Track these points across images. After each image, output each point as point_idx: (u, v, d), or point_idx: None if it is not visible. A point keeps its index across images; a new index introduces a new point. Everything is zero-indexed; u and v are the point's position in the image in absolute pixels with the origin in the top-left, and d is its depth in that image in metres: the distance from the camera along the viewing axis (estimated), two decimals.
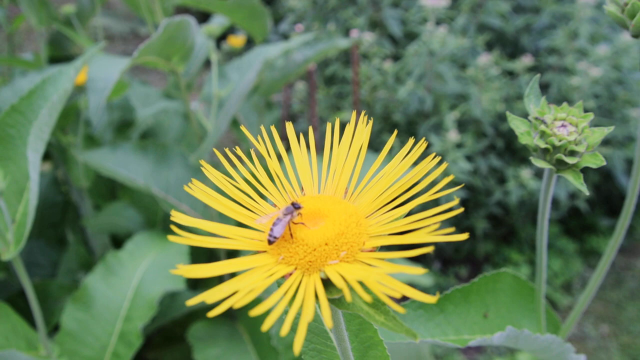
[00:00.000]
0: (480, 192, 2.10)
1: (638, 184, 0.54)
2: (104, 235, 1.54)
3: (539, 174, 2.12)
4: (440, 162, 0.39)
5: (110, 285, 0.99)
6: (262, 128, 0.44)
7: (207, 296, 0.32)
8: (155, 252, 1.05)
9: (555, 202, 2.17)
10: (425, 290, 2.11)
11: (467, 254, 2.28)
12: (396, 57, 2.31)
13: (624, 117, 2.07)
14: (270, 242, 0.39)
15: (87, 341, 0.95)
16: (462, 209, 0.35)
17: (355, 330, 0.46)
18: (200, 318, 1.26)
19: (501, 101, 2.06)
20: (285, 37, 2.57)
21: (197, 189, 0.41)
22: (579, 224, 2.36)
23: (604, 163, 0.47)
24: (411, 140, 0.42)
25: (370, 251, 0.38)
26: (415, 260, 2.07)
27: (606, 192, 2.32)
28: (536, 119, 0.48)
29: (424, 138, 0.40)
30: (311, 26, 2.44)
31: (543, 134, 0.48)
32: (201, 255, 1.23)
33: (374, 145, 2.08)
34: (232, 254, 1.21)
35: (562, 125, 0.48)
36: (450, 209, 0.34)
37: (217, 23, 1.37)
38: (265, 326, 0.30)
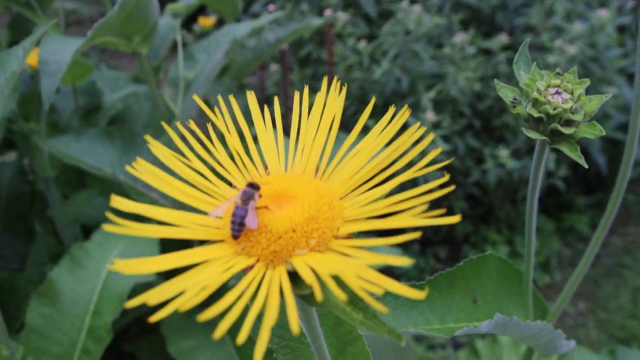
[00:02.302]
0: (458, 172, 2.09)
1: (630, 165, 0.51)
2: (75, 226, 1.49)
3: (516, 153, 2.11)
4: (422, 137, 0.35)
5: (78, 278, 0.95)
6: (220, 98, 0.39)
7: (150, 296, 0.27)
8: (124, 242, 1.00)
9: None
10: (404, 272, 2.10)
11: (446, 235, 2.27)
12: (371, 37, 2.28)
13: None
14: (235, 237, 0.33)
15: (55, 338, 0.90)
16: (453, 187, 0.30)
17: (332, 324, 0.42)
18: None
19: (478, 80, 2.04)
20: (257, 18, 2.51)
21: (143, 169, 0.35)
22: (556, 203, 2.37)
23: (603, 133, 0.44)
24: (391, 109, 0.36)
25: (346, 238, 0.33)
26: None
27: (582, 170, 2.33)
28: (527, 85, 0.44)
29: (406, 106, 0.35)
30: (284, 7, 2.39)
31: (536, 102, 0.44)
32: (174, 244, 1.18)
33: (350, 127, 2.05)
34: (204, 242, 1.16)
35: (557, 93, 0.43)
36: (439, 187, 0.30)
37: (184, 2, 1.32)
38: (218, 333, 0.25)
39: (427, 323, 0.50)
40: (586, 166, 0.42)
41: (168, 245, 1.18)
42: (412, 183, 1.72)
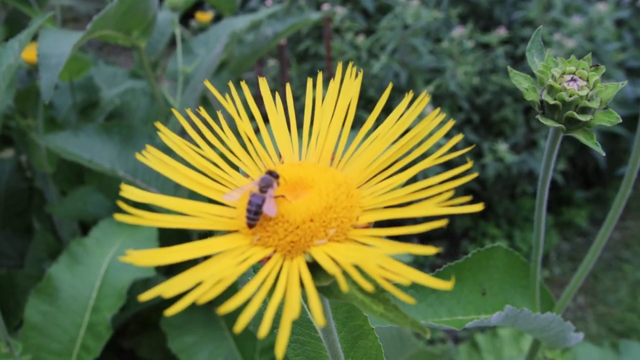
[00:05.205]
0: (456, 166, 2.08)
1: (637, 165, 0.51)
2: (73, 222, 1.49)
3: (514, 147, 2.10)
4: (442, 124, 0.33)
5: (77, 274, 0.94)
6: (231, 84, 0.38)
7: (165, 289, 0.26)
8: (123, 238, 0.99)
9: (531, 176, 2.17)
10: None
11: (445, 230, 2.27)
12: (369, 32, 2.27)
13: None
14: (250, 226, 0.32)
15: (54, 334, 0.90)
16: (476, 174, 0.29)
17: (343, 318, 0.41)
18: None
19: (476, 74, 2.03)
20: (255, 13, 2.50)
21: (152, 157, 0.34)
22: (555, 197, 2.37)
23: (620, 120, 0.43)
24: (409, 95, 0.35)
25: (365, 227, 0.31)
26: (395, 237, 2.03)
27: (581, 164, 2.32)
28: (542, 72, 0.43)
29: (425, 91, 0.34)
30: (282, 1, 2.38)
31: (551, 89, 0.43)
32: (173, 240, 1.18)
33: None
34: (206, 236, 1.15)
35: (572, 80, 0.42)
36: (463, 173, 0.29)
37: None
38: (239, 326, 0.24)
39: (436, 315, 0.50)
40: (603, 154, 0.42)
41: (167, 241, 1.17)
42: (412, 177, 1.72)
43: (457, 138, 0.30)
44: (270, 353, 1.08)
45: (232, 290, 0.28)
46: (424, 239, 2.25)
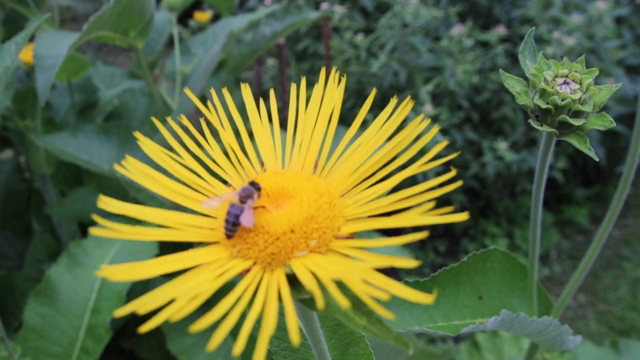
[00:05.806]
0: (456, 165, 2.08)
1: (636, 159, 0.50)
2: (72, 223, 1.48)
3: (514, 146, 2.10)
4: (426, 129, 0.32)
5: (76, 276, 0.94)
6: (213, 92, 0.37)
7: (140, 305, 0.26)
8: (122, 240, 0.99)
9: (530, 174, 2.17)
10: (403, 267, 2.09)
11: (445, 228, 2.27)
12: (368, 31, 2.27)
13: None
14: (229, 237, 0.31)
15: (54, 337, 0.90)
16: (460, 183, 0.28)
17: (333, 326, 0.40)
18: None
19: (475, 73, 2.03)
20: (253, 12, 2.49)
21: (133, 168, 0.33)
22: (555, 195, 2.36)
23: (613, 124, 0.42)
24: (393, 101, 0.34)
25: (347, 238, 0.31)
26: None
27: (581, 162, 2.32)
28: (534, 75, 0.43)
29: (409, 97, 0.33)
30: (280, 0, 2.38)
31: (543, 93, 0.42)
32: (173, 243, 1.17)
33: (347, 121, 2.04)
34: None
35: (565, 83, 0.42)
36: (448, 181, 0.28)
37: None
38: (213, 344, 0.24)
39: (431, 320, 0.49)
40: (597, 159, 0.41)
41: (167, 243, 1.17)
42: (410, 180, 1.71)
43: (442, 145, 0.29)
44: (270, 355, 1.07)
45: (228, 292, 0.28)
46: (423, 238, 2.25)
